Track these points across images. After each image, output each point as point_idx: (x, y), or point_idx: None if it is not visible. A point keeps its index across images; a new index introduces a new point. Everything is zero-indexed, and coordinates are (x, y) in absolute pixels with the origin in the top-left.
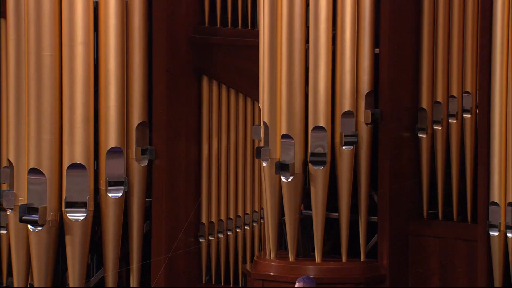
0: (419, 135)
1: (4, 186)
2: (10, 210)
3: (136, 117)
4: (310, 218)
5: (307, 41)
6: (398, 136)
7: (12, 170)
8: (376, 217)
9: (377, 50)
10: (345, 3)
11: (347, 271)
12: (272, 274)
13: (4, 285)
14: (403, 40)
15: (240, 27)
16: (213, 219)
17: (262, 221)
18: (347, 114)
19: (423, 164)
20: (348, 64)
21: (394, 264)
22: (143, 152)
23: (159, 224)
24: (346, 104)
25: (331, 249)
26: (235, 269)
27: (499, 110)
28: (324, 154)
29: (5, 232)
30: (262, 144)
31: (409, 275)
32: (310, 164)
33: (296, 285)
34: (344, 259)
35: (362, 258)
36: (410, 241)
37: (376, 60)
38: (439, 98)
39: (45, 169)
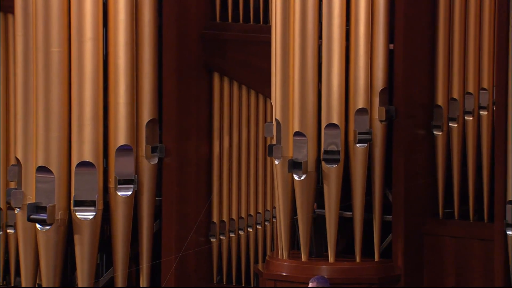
0: (435, 132)
1: (12, 185)
2: (18, 209)
3: (146, 114)
4: (323, 217)
5: (320, 36)
6: (413, 134)
7: (20, 168)
8: (391, 216)
9: (391, 45)
10: None
11: (360, 271)
12: (284, 274)
13: (12, 285)
14: (418, 35)
15: (252, 22)
16: (225, 218)
17: (274, 220)
18: (361, 111)
19: (438, 162)
20: (362, 60)
21: (408, 264)
22: (153, 150)
23: (169, 223)
24: (360, 101)
25: (344, 249)
26: (246, 269)
27: None
28: (338, 152)
29: (13, 231)
30: (274, 142)
31: (424, 275)
32: (323, 162)
33: (310, 285)
34: (358, 259)
35: (376, 258)
36: (425, 240)
37: (390, 56)
38: (455, 94)
39: (53, 167)
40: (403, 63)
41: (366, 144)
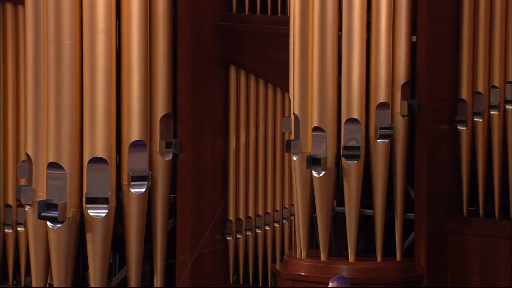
0: (459, 127)
1: (22, 181)
2: (29, 206)
3: (160, 109)
4: (343, 215)
5: (340, 28)
6: (436, 129)
7: (31, 164)
8: (413, 214)
9: (414, 38)
10: None
11: (382, 271)
12: (303, 274)
13: (23, 284)
14: (442, 27)
15: (269, 14)
16: (241, 216)
17: (292, 218)
18: (382, 105)
19: (462, 158)
20: (384, 53)
21: (431, 263)
22: (168, 145)
23: (184, 221)
24: (381, 95)
25: (365, 248)
26: (264, 268)
27: None
28: (358, 148)
29: (23, 229)
30: (292, 137)
31: (448, 275)
32: (343, 158)
33: (330, 285)
34: (379, 259)
35: (398, 257)
36: (449, 239)
37: (413, 48)
38: (480, 88)
39: (65, 163)
40: (426, 56)
41: (387, 140)
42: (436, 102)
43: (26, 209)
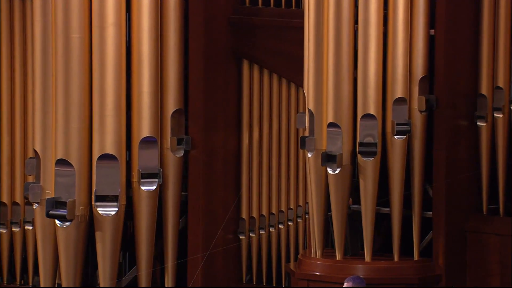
0: (478, 123)
1: (30, 179)
2: (37, 204)
3: (171, 104)
4: (359, 213)
5: (356, 21)
6: (455, 125)
7: (39, 161)
8: (431, 213)
9: (432, 31)
10: None
11: (399, 271)
12: (317, 274)
13: (30, 284)
14: (461, 19)
15: (283, 6)
16: (254, 214)
17: (306, 216)
18: (399, 100)
19: (482, 155)
20: (401, 46)
21: (450, 263)
22: (179, 142)
23: (195, 220)
24: (398, 90)
25: (381, 247)
26: (277, 268)
27: None
28: (374, 144)
29: (31, 227)
30: (307, 134)
31: (467, 275)
32: (359, 155)
33: (345, 285)
34: (396, 258)
35: (416, 257)
36: (468, 238)
37: (431, 42)
38: (500, 83)
39: (73, 160)
40: (444, 49)
41: (404, 136)
42: (455, 97)
43: (34, 207)
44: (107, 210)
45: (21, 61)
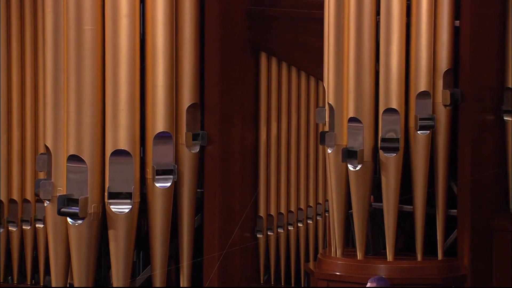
0: (505, 118)
1: (41, 175)
2: (48, 202)
3: (187, 99)
4: (381, 211)
5: (378, 12)
6: (480, 120)
7: (50, 157)
8: (456, 211)
9: (457, 22)
10: None
11: (422, 271)
12: (338, 273)
13: (42, 284)
14: (487, 10)
15: None
16: (272, 212)
17: (326, 214)
18: (422, 94)
19: (509, 150)
20: (424, 38)
21: (476, 263)
22: (194, 137)
23: (212, 218)
24: (421, 83)
25: (404, 246)
26: (296, 268)
27: None
28: (397, 140)
29: (42, 226)
30: (327, 129)
31: (493, 275)
32: (380, 151)
33: (368, 285)
34: (419, 258)
35: (440, 256)
36: (495, 237)
37: (456, 33)
38: None
39: (86, 156)
40: (470, 41)
41: (428, 131)
42: (480, 91)
43: (45, 205)
44: (121, 208)
45: (31, 54)
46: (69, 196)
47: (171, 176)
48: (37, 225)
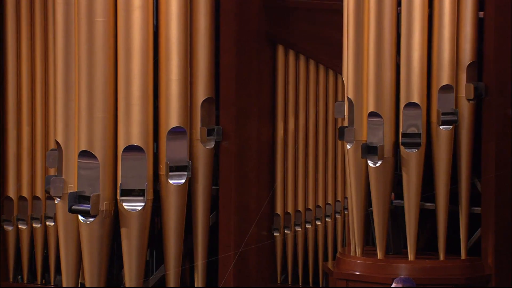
0: None
1: (52, 171)
2: (58, 199)
3: (201, 93)
4: (402, 209)
5: (399, 3)
6: (505, 114)
7: (61, 153)
8: (480, 208)
9: (481, 13)
10: None
11: (445, 271)
12: (357, 273)
13: (52, 284)
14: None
15: None
16: (290, 210)
17: (345, 212)
18: (445, 88)
19: None
20: (447, 30)
21: (500, 262)
22: (209, 132)
23: (227, 216)
24: (444, 77)
25: (426, 245)
26: (314, 267)
27: None
28: (418, 135)
29: (52, 223)
30: (346, 124)
31: None
32: (401, 147)
33: (393, 285)
34: (441, 257)
35: (463, 255)
36: None
37: (480, 25)
38: None
39: (97, 152)
40: (494, 33)
41: (451, 126)
42: (505, 85)
43: (56, 202)
44: (133, 205)
45: (42, 46)
46: (81, 193)
47: (185, 173)
48: (47, 223)
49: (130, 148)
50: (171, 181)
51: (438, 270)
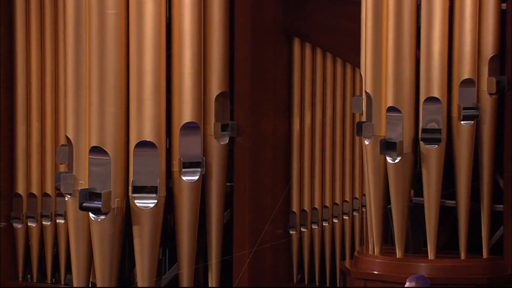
0: None
1: (62, 168)
2: (69, 196)
3: (215, 87)
4: (421, 206)
5: None
6: None
7: (71, 149)
8: (502, 206)
9: (504, 5)
10: None
11: (466, 270)
12: (376, 272)
13: (62, 283)
14: None
15: None
16: (306, 207)
17: (363, 209)
18: (466, 82)
19: None
20: (469, 22)
21: None
22: (223, 128)
23: (242, 213)
24: (465, 70)
25: (446, 244)
26: (331, 266)
27: None
28: (439, 131)
29: (62, 221)
30: (364, 119)
31: None
32: (421, 143)
33: (407, 284)
34: (462, 256)
35: (485, 254)
36: None
37: (502, 17)
38: None
39: (109, 147)
40: None
41: (472, 121)
42: None
43: (66, 199)
44: (146, 202)
45: (51, 39)
46: (92, 190)
47: (199, 169)
48: (57, 221)
49: (142, 144)
50: (184, 178)
51: (458, 269)
